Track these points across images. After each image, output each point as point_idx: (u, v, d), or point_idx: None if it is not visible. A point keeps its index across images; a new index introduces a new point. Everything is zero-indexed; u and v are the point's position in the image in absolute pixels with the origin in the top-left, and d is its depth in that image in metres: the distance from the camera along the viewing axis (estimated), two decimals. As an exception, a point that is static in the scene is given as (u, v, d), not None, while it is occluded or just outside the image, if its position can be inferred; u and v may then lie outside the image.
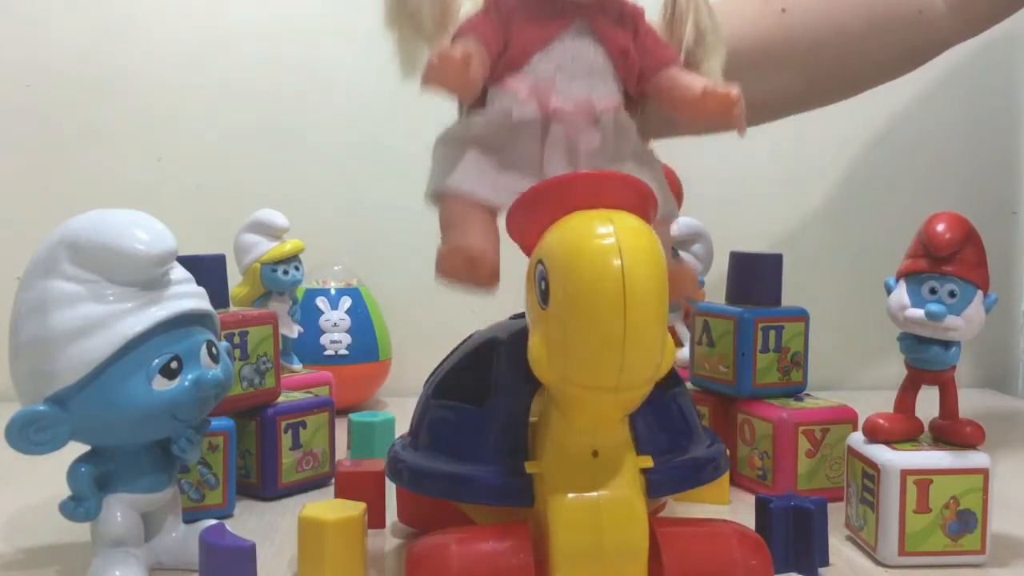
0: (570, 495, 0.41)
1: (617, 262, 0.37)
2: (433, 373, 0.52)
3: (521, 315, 0.50)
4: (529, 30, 0.47)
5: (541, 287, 0.40)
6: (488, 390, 0.47)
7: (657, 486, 0.44)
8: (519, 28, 0.47)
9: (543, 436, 0.43)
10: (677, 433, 0.48)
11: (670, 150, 0.99)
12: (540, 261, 0.40)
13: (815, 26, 0.75)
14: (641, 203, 0.41)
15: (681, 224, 0.83)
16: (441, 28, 0.47)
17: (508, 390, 0.46)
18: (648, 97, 0.51)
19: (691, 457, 0.47)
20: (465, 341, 0.53)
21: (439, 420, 0.49)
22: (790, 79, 0.74)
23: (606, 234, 0.38)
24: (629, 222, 0.39)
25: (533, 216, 0.42)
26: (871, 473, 0.52)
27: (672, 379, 0.48)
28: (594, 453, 0.42)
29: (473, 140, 0.48)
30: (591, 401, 0.40)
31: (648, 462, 0.43)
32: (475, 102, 0.48)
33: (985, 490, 0.51)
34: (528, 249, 0.43)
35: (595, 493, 0.41)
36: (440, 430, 0.48)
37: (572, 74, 0.47)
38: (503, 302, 0.65)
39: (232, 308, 0.68)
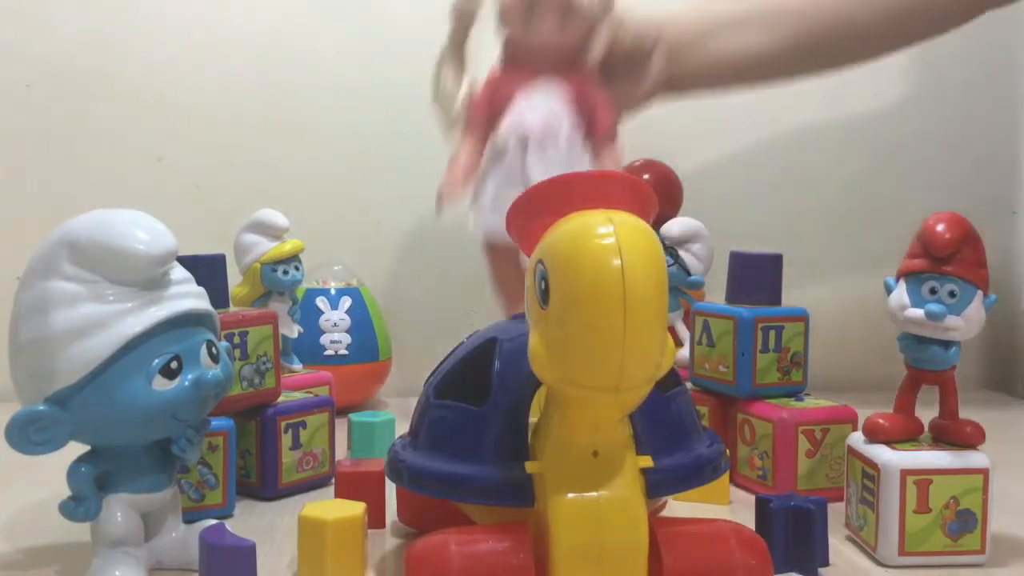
0: (570, 495, 0.41)
1: (617, 262, 0.37)
2: (433, 373, 0.52)
3: (521, 315, 0.50)
4: (511, 85, 0.71)
5: (541, 287, 0.40)
6: (488, 390, 0.47)
7: (657, 486, 0.44)
8: (505, 85, 0.72)
9: (543, 436, 0.43)
10: (677, 433, 0.48)
11: (671, 150, 1.00)
12: (540, 261, 0.40)
13: None
14: (641, 203, 0.41)
15: (681, 223, 0.83)
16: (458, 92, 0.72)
17: (508, 390, 0.46)
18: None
19: (691, 457, 0.47)
20: (465, 341, 0.53)
21: (439, 420, 0.49)
22: (773, 35, 0.75)
23: (606, 234, 0.38)
24: (629, 222, 0.38)
25: (533, 216, 0.42)
26: (871, 473, 0.52)
27: (672, 379, 0.48)
28: (594, 453, 0.42)
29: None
30: (591, 401, 0.40)
31: (648, 462, 0.43)
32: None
33: (985, 490, 0.51)
34: (528, 249, 0.43)
35: (595, 493, 0.41)
36: (440, 430, 0.48)
37: (541, 107, 0.70)
38: (503, 302, 0.65)
39: (232, 308, 0.68)
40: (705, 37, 0.75)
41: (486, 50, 0.75)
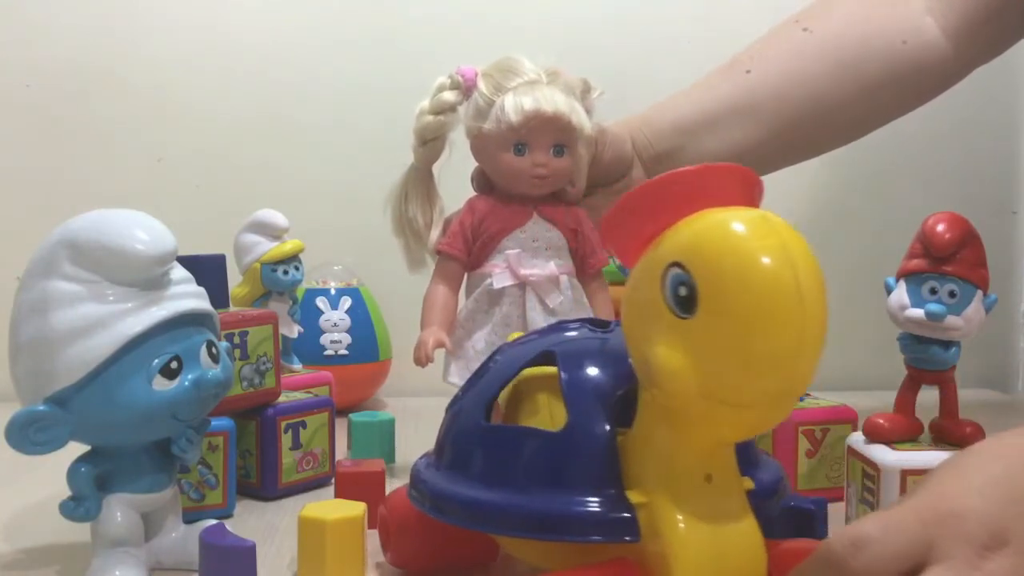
0: (690, 527, 0.37)
1: (791, 271, 0.34)
2: (465, 393, 0.47)
3: (529, 335, 0.49)
4: (498, 223, 0.64)
5: (681, 293, 0.35)
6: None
7: (770, 526, 0.40)
8: (491, 223, 0.64)
9: (644, 460, 0.39)
10: (749, 453, 0.44)
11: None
12: (678, 264, 0.36)
13: (780, 76, 0.75)
14: (753, 195, 0.38)
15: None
16: (428, 229, 0.68)
17: (585, 411, 0.41)
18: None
19: (769, 480, 0.43)
20: (499, 358, 0.48)
21: (498, 447, 0.43)
22: (752, 130, 0.74)
23: (773, 240, 0.34)
24: (785, 224, 0.35)
25: (642, 217, 0.38)
26: (871, 473, 0.52)
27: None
28: (707, 478, 0.38)
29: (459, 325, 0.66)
30: (726, 419, 0.36)
31: (750, 484, 0.40)
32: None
33: (985, 490, 0.51)
34: (630, 253, 0.39)
35: (715, 524, 0.37)
36: (505, 458, 0.42)
37: (535, 251, 0.64)
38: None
39: (232, 308, 0.68)
40: (684, 140, 0.73)
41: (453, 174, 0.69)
